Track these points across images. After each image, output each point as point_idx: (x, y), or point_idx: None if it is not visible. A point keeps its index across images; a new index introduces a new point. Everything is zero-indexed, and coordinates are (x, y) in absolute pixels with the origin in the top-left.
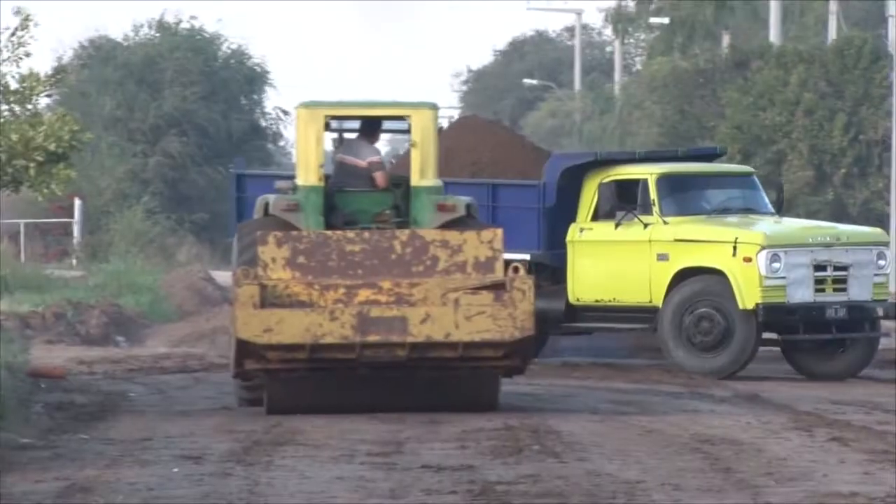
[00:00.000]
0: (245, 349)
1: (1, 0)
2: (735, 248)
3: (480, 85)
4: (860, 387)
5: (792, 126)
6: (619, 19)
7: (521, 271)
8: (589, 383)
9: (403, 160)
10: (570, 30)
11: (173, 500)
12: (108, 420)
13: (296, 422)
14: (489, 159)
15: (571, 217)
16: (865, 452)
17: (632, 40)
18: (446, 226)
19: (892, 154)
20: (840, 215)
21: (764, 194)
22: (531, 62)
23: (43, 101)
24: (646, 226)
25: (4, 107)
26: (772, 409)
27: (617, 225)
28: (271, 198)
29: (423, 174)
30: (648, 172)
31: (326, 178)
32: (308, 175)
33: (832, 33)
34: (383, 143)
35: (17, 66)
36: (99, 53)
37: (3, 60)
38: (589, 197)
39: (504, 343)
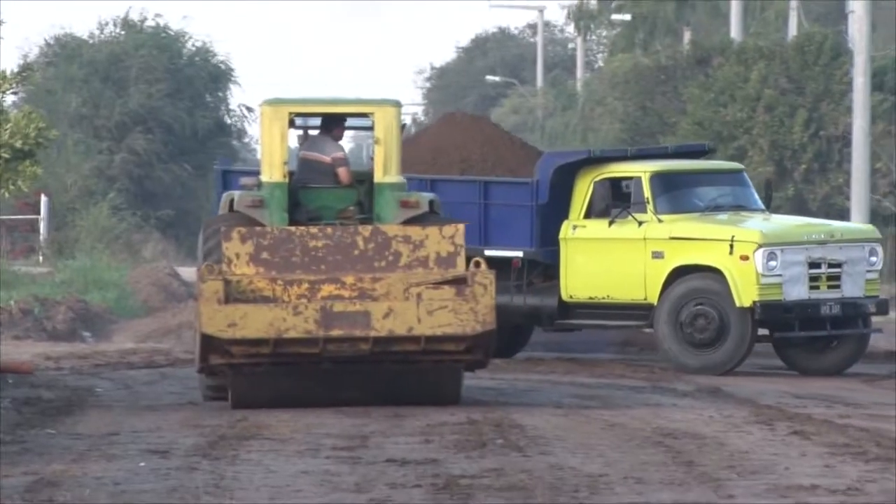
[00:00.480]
0: (210, 344)
1: None
2: (732, 246)
3: (443, 82)
4: (822, 381)
5: (753, 122)
6: (581, 16)
7: (483, 266)
8: (552, 378)
9: None
10: (533, 27)
11: (140, 495)
12: (75, 415)
13: (261, 416)
14: (478, 156)
15: (563, 214)
16: (826, 446)
17: (594, 37)
18: (409, 222)
19: (852, 150)
20: (800, 210)
21: (754, 191)
22: (494, 59)
23: (9, 99)
24: (640, 223)
25: None
26: (733, 402)
27: (611, 222)
28: (236, 194)
29: (386, 171)
30: (642, 170)
31: (291, 174)
32: (272, 171)
33: (793, 30)
34: (347, 141)
35: None
36: (64, 51)
37: None
38: (582, 194)
39: (466, 337)
